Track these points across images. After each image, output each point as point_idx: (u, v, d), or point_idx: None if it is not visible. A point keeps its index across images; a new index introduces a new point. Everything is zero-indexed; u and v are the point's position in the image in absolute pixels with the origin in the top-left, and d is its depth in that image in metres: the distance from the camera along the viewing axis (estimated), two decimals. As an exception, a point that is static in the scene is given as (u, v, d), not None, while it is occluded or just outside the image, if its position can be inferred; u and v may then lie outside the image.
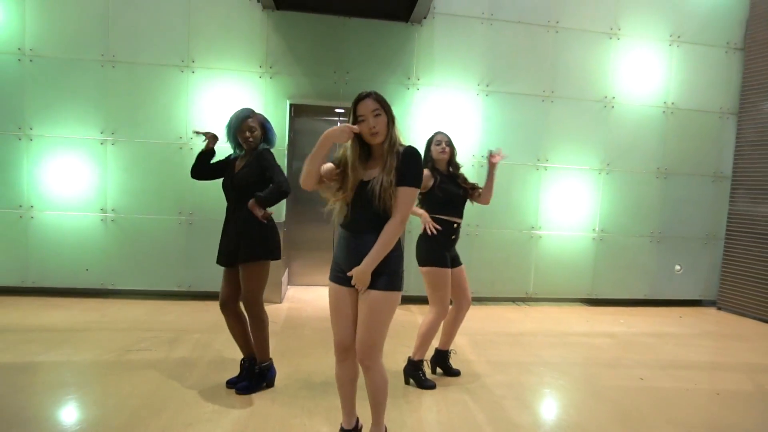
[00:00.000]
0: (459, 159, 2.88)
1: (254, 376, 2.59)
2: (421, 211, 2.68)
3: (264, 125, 2.59)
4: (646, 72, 4.98)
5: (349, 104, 1.87)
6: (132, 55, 4.27)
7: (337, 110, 5.07)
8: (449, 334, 2.87)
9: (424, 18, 4.55)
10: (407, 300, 4.52)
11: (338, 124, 5.30)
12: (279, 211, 4.51)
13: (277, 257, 2.58)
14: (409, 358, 2.79)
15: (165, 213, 4.38)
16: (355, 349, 1.88)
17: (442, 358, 2.91)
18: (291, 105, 4.60)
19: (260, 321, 2.55)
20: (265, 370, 2.61)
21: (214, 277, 3.44)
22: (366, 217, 1.81)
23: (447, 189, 2.69)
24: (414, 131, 4.61)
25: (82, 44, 4.21)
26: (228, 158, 2.67)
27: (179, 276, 4.43)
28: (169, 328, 3.65)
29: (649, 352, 3.71)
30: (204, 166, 2.66)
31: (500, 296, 4.96)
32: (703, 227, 5.23)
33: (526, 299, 5.05)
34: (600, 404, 2.72)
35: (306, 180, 1.84)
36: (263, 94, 4.44)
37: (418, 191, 1.87)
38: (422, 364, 2.76)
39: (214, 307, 2.94)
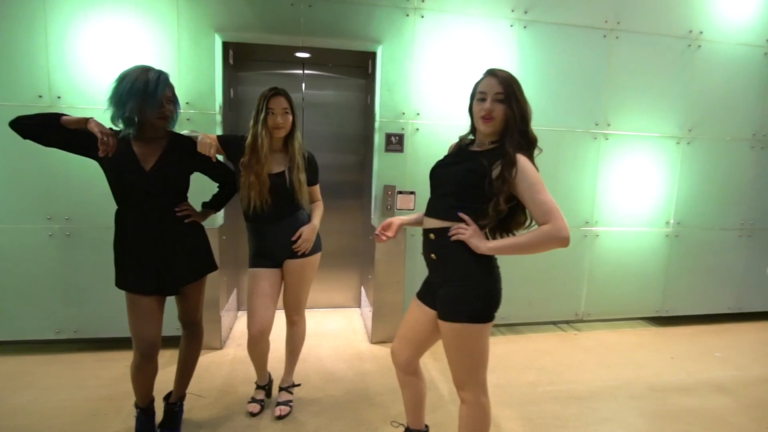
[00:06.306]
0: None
1: (174, 416, 2.08)
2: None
3: (173, 93, 1.87)
4: (746, -6, 3.47)
5: (315, 41, 2.47)
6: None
7: (298, 54, 3.41)
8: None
9: None
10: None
11: (303, 81, 3.72)
12: (215, 215, 2.92)
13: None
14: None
15: (25, 220, 2.75)
16: (269, 328, 2.10)
17: None
18: (225, 44, 2.96)
19: (201, 342, 2.11)
20: (182, 403, 2.14)
21: (111, 313, 2.56)
22: (280, 207, 2.06)
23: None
24: (416, 80, 3.02)
25: None
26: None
27: (57, 316, 2.84)
28: (29, 416, 2.10)
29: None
30: (57, 134, 1.70)
31: (540, 320, 3.54)
32: (808, 214, 3.86)
33: (575, 321, 3.64)
34: None
35: None
36: (174, 24, 2.76)
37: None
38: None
39: (112, 361, 2.52)
